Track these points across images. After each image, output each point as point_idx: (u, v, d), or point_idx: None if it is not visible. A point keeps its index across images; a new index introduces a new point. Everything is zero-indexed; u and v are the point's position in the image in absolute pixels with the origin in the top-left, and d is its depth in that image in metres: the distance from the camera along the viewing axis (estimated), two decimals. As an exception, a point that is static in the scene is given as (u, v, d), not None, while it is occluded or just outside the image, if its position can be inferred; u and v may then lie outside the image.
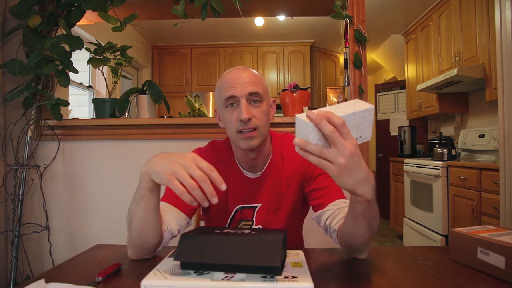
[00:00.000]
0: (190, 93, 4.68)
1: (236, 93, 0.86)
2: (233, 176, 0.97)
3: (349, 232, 0.73)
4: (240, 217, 0.98)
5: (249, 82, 0.88)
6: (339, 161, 0.56)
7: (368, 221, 0.69)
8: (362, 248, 0.76)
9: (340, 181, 0.59)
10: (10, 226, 1.71)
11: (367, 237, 0.72)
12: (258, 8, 2.25)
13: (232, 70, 0.93)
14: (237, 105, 0.87)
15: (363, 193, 0.62)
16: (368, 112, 0.62)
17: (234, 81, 0.88)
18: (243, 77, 0.88)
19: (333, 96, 2.61)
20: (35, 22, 1.62)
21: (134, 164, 1.82)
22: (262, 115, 0.89)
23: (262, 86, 0.90)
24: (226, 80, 0.89)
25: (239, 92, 0.86)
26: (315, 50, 4.86)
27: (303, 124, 0.59)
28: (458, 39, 2.85)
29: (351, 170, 0.58)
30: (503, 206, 1.73)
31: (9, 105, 1.77)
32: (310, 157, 0.58)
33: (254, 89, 0.87)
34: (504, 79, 1.70)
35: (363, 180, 0.60)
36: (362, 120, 0.61)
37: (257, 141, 0.88)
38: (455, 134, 3.36)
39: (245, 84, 0.87)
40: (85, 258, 0.82)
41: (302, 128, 0.60)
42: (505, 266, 0.63)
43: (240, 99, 0.87)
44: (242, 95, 0.86)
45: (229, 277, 0.59)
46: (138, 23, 1.88)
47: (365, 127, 0.62)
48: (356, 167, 0.58)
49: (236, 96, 0.87)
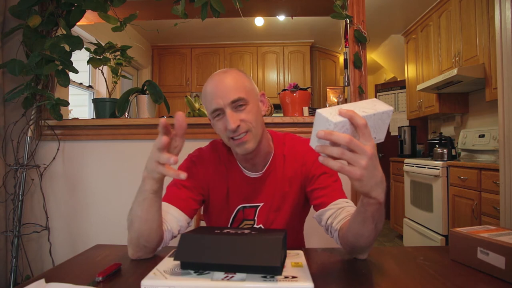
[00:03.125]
0: (190, 93, 4.68)
1: (219, 105, 0.85)
2: (234, 175, 0.97)
3: (356, 234, 0.72)
4: (242, 217, 0.98)
5: (230, 89, 0.85)
6: (361, 164, 0.55)
7: (376, 222, 0.68)
8: (365, 248, 0.76)
9: (359, 184, 0.58)
10: (10, 226, 1.71)
11: (372, 238, 0.72)
12: (258, 8, 2.25)
13: (213, 77, 0.91)
14: (223, 114, 0.86)
15: (377, 195, 0.61)
16: (386, 114, 0.60)
17: (215, 93, 0.86)
18: (224, 85, 0.86)
19: (333, 96, 2.61)
20: (35, 22, 1.62)
21: (134, 164, 1.82)
22: (252, 116, 0.87)
23: (244, 89, 0.87)
24: (208, 92, 0.88)
25: (221, 103, 0.85)
26: (315, 50, 4.86)
27: (325, 121, 0.56)
28: (458, 39, 2.85)
29: (370, 173, 0.57)
30: (503, 206, 1.73)
31: (9, 105, 1.77)
32: (331, 162, 0.56)
33: (235, 95, 0.85)
34: (504, 79, 1.70)
35: (378, 183, 0.60)
36: (380, 122, 0.60)
37: (252, 143, 0.87)
38: (455, 134, 3.36)
39: (226, 92, 0.85)
40: (85, 258, 0.82)
41: (322, 125, 0.57)
42: (505, 266, 0.63)
43: (224, 109, 0.85)
44: (225, 105, 0.85)
45: (229, 277, 0.59)
46: (138, 23, 1.88)
47: (381, 128, 0.61)
48: (373, 169, 0.57)
49: (220, 108, 0.86)
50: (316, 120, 0.58)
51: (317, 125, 0.58)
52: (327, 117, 0.56)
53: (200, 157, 0.99)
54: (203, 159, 0.99)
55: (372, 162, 0.56)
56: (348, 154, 0.55)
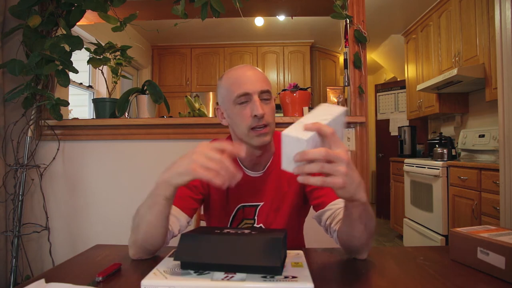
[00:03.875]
0: (190, 93, 4.68)
1: (249, 90, 0.86)
2: None
3: (347, 235, 0.74)
4: (242, 216, 0.98)
5: (259, 80, 0.88)
6: (341, 171, 0.55)
7: (365, 222, 0.69)
8: (361, 249, 0.76)
9: (342, 191, 0.59)
10: (10, 226, 1.71)
11: (365, 238, 0.72)
12: (258, 8, 2.25)
13: (239, 67, 0.92)
14: (249, 102, 0.87)
15: (360, 197, 0.62)
16: (342, 116, 0.62)
17: (245, 78, 0.88)
18: (252, 74, 0.89)
19: (333, 96, 2.61)
20: (35, 22, 1.62)
21: (134, 164, 1.82)
22: (272, 113, 0.91)
23: (269, 84, 0.91)
24: (236, 77, 0.89)
25: (251, 89, 0.86)
26: (315, 50, 4.86)
27: (295, 141, 0.56)
28: (458, 39, 2.85)
29: (350, 178, 0.57)
30: (503, 206, 1.73)
31: (9, 105, 1.77)
32: (311, 179, 0.56)
33: (265, 86, 0.88)
34: (504, 79, 1.70)
35: (359, 184, 0.60)
36: (338, 125, 0.61)
37: (269, 137, 0.89)
38: (455, 134, 3.36)
39: (256, 81, 0.88)
40: (85, 258, 0.82)
41: (293, 146, 0.56)
42: (505, 266, 0.63)
43: (253, 95, 0.87)
44: (254, 91, 0.87)
45: (229, 277, 0.59)
46: (138, 23, 1.88)
47: (339, 130, 0.62)
48: (352, 172, 0.58)
49: (249, 93, 0.87)
50: (284, 142, 0.58)
51: (287, 147, 0.58)
52: (297, 136, 0.56)
53: None
54: None
55: (350, 166, 0.57)
56: (327, 166, 0.55)
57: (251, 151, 0.92)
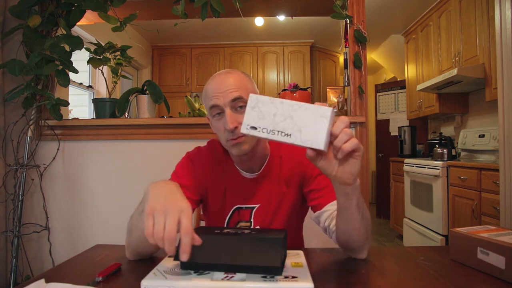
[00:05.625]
0: (190, 93, 4.67)
1: (218, 102, 0.84)
2: (231, 176, 0.97)
3: (346, 230, 0.73)
4: (237, 218, 0.97)
5: (232, 88, 0.84)
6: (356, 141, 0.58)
7: (361, 211, 0.70)
8: (361, 245, 0.75)
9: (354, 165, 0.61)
10: (10, 226, 1.71)
11: (363, 230, 0.72)
12: (258, 8, 2.25)
13: (215, 76, 0.90)
14: (222, 114, 0.85)
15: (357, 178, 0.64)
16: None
17: (216, 90, 0.85)
18: (226, 83, 0.85)
19: (333, 96, 2.61)
20: (35, 22, 1.62)
21: (134, 164, 1.82)
22: None
23: (246, 90, 0.86)
24: (209, 89, 0.87)
25: (221, 100, 0.84)
26: (315, 50, 4.86)
27: (267, 102, 0.57)
28: (458, 39, 2.85)
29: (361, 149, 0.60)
30: (503, 206, 1.73)
31: (9, 105, 1.77)
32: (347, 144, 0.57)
33: (237, 94, 0.84)
34: (504, 79, 1.70)
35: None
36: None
37: (247, 145, 0.86)
38: (455, 134, 3.36)
39: (228, 91, 0.84)
40: (85, 258, 0.82)
41: (262, 108, 0.57)
42: (505, 266, 0.63)
43: (224, 108, 0.84)
44: (225, 103, 0.84)
45: (229, 277, 0.59)
46: (138, 23, 1.88)
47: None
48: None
49: (219, 105, 0.85)
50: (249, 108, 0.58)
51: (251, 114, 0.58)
52: (267, 97, 0.58)
53: (199, 156, 0.99)
54: (202, 158, 0.98)
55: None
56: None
57: (239, 156, 0.91)
